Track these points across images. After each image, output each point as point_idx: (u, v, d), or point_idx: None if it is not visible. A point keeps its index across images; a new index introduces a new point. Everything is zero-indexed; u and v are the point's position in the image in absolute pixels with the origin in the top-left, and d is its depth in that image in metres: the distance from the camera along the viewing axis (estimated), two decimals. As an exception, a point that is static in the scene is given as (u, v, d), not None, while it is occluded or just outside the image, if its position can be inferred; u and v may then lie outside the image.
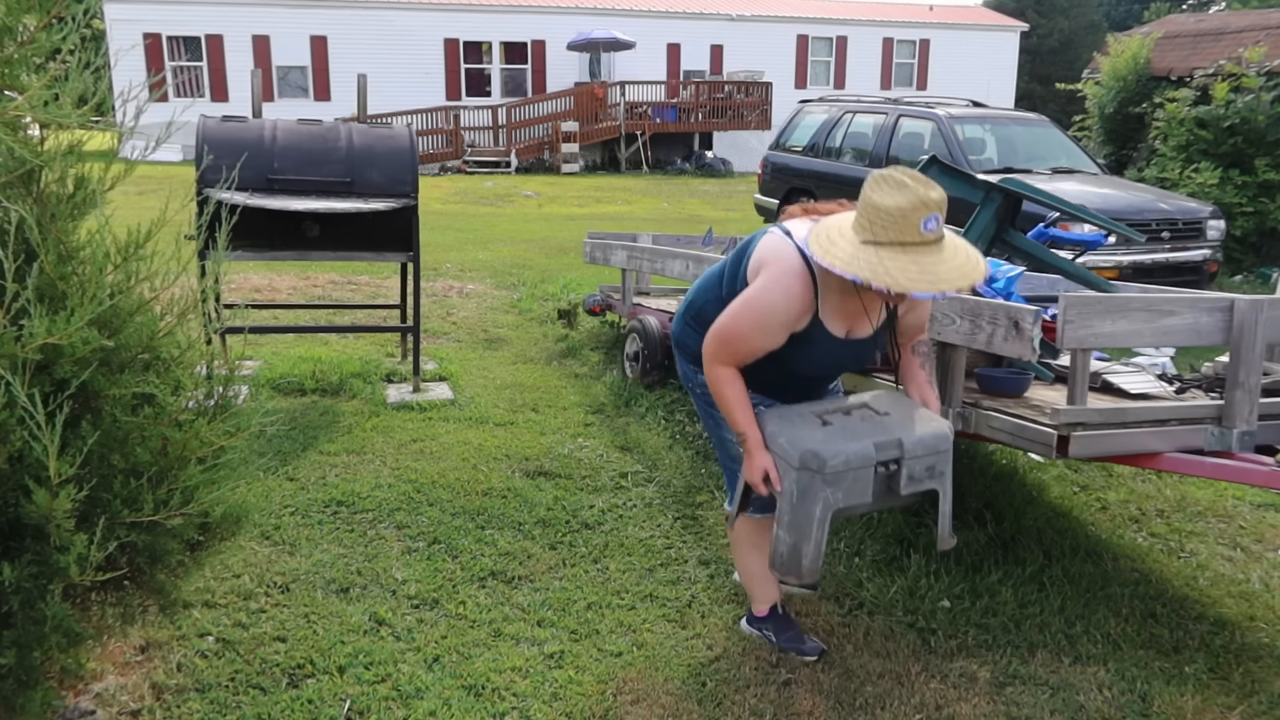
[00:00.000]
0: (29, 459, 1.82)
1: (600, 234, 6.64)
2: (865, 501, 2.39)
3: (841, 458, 2.29)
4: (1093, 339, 2.78)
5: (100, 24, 20.04)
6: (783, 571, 2.40)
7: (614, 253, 5.96)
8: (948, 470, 2.48)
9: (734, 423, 2.49)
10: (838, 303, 2.43)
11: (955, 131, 8.44)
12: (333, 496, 3.76)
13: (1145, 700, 2.62)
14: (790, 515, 2.35)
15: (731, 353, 2.46)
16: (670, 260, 5.20)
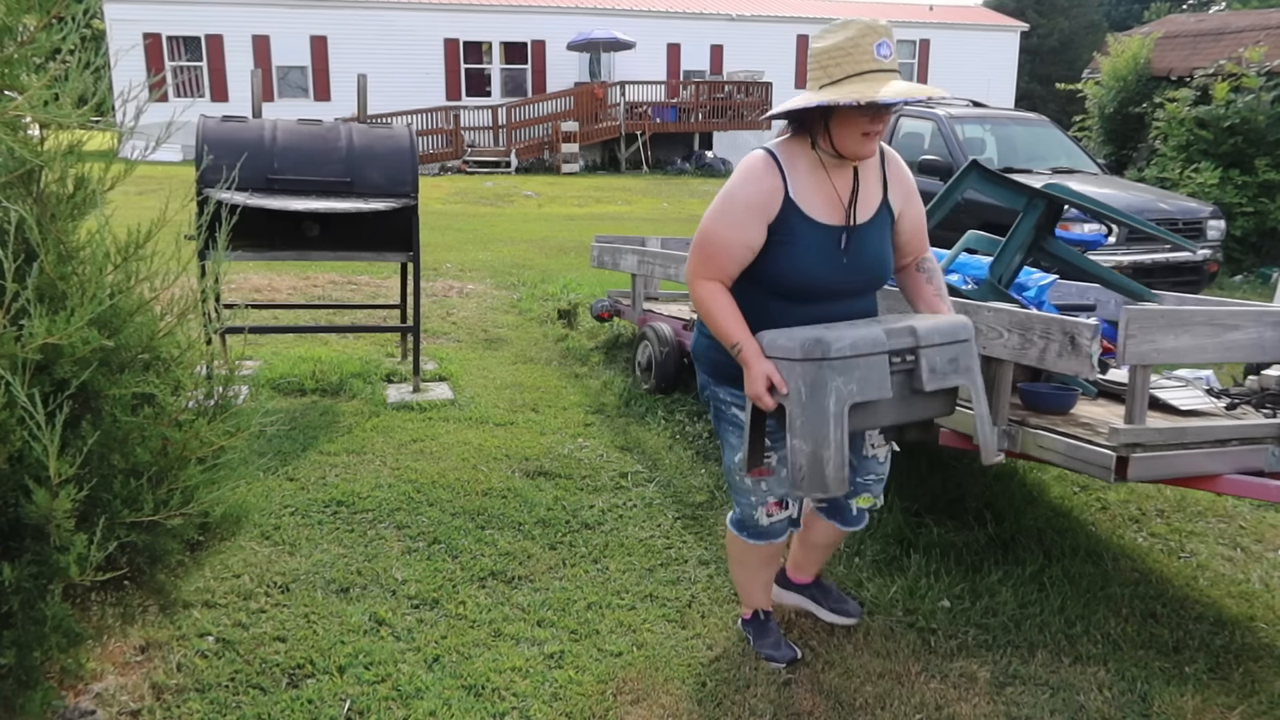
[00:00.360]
0: (29, 459, 1.82)
1: (608, 238, 6.47)
2: (886, 398, 2.13)
3: (847, 340, 2.08)
4: (1155, 354, 2.64)
5: (100, 24, 20.05)
6: (808, 489, 2.13)
7: (623, 257, 5.76)
8: (975, 365, 2.25)
9: (725, 335, 2.26)
10: (809, 183, 2.26)
11: (955, 131, 8.44)
12: (333, 496, 3.76)
13: (1145, 700, 2.62)
14: (802, 417, 2.10)
15: (707, 259, 2.29)
16: (682, 265, 5.01)
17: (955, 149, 8.24)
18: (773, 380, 2.15)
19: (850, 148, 2.20)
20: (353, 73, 18.59)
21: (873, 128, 2.15)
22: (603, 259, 6.07)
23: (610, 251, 5.98)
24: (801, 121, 2.26)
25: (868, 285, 2.38)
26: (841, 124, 2.17)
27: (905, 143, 9.02)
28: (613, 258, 5.93)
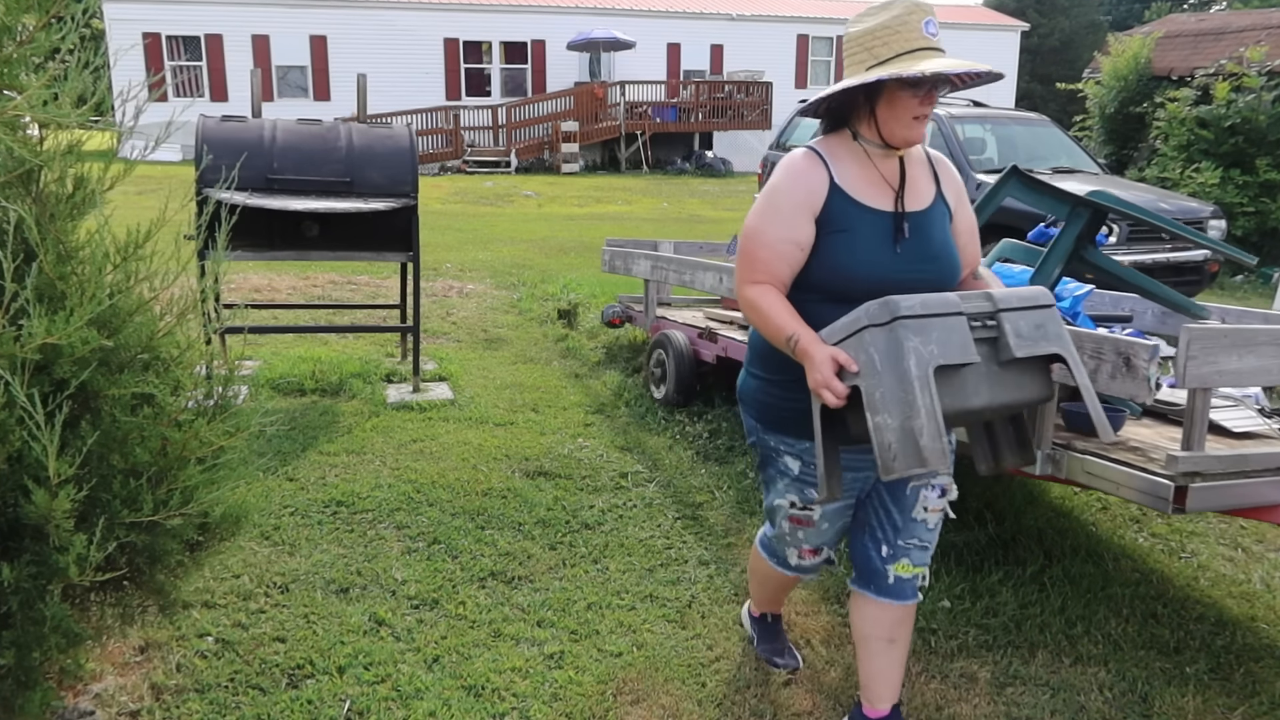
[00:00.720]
0: (28, 459, 1.81)
1: (619, 241, 6.30)
2: (973, 363, 1.85)
3: (916, 299, 1.83)
4: (1217, 377, 2.48)
5: (99, 24, 20.04)
6: (903, 467, 1.81)
7: (636, 262, 5.57)
8: (1065, 333, 1.98)
9: (779, 330, 2.00)
10: (855, 172, 2.07)
11: (956, 131, 8.44)
12: (333, 496, 3.76)
13: (1146, 701, 2.61)
14: (881, 387, 1.82)
15: (754, 261, 2.08)
16: (700, 272, 4.89)
17: (956, 149, 8.24)
18: (839, 361, 1.87)
19: (899, 132, 2.03)
20: (352, 72, 18.59)
21: (923, 109, 2.00)
22: (614, 264, 5.88)
23: (622, 256, 5.79)
24: (840, 115, 2.12)
25: (933, 282, 2.07)
26: (891, 106, 2.01)
27: (905, 142, 9.03)
28: (625, 263, 5.73)
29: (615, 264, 5.88)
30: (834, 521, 2.29)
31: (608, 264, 5.97)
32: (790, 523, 2.31)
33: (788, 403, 2.13)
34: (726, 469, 4.24)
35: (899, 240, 2.05)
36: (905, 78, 1.93)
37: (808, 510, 2.26)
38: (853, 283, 2.02)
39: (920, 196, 2.12)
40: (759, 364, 2.24)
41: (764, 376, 2.22)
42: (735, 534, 3.61)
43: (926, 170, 2.17)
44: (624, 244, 6.27)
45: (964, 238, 2.21)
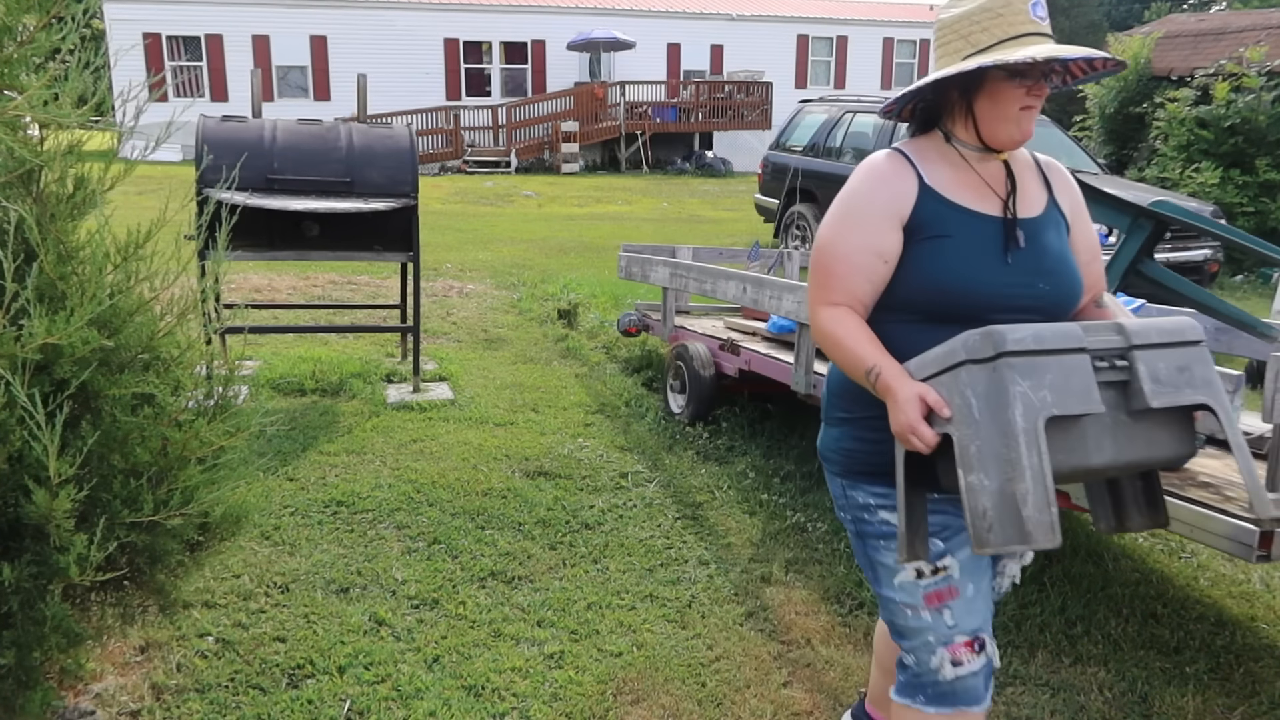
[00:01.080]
0: (29, 459, 1.82)
1: (636, 247, 6.06)
2: (1095, 414, 1.49)
3: (1028, 331, 1.49)
4: None
5: (100, 24, 20.04)
6: (1000, 541, 1.47)
7: (654, 269, 5.33)
8: (1215, 379, 1.59)
9: (857, 361, 1.67)
10: (949, 175, 1.75)
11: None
12: (333, 496, 3.76)
13: (1146, 701, 2.62)
14: (978, 440, 1.49)
15: (829, 277, 1.74)
16: (723, 281, 4.63)
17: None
18: (928, 402, 1.55)
19: (1003, 131, 1.71)
20: (353, 73, 18.59)
21: (1030, 102, 1.68)
22: (631, 270, 5.65)
23: (639, 263, 5.55)
24: (929, 115, 1.81)
25: (1050, 302, 1.74)
26: (993, 100, 1.69)
27: (905, 143, 9.03)
28: (642, 269, 5.50)
29: (632, 270, 5.63)
30: (978, 580, 1.78)
31: (624, 270, 5.73)
32: (929, 607, 1.76)
33: (880, 446, 1.72)
34: (726, 469, 4.24)
35: (1010, 249, 1.72)
36: (1011, 63, 1.63)
37: (941, 573, 1.75)
38: (952, 298, 1.69)
39: (1031, 203, 1.80)
40: (841, 402, 1.87)
41: (849, 416, 1.85)
42: (735, 534, 3.61)
43: (1036, 175, 1.86)
44: (641, 249, 5.98)
45: (1084, 256, 1.86)
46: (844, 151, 9.82)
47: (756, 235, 11.67)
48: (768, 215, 10.92)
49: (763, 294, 4.28)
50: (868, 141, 9.49)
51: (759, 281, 4.31)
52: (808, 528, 3.65)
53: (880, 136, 9.29)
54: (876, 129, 9.43)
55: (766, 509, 3.82)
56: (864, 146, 9.53)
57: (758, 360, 4.44)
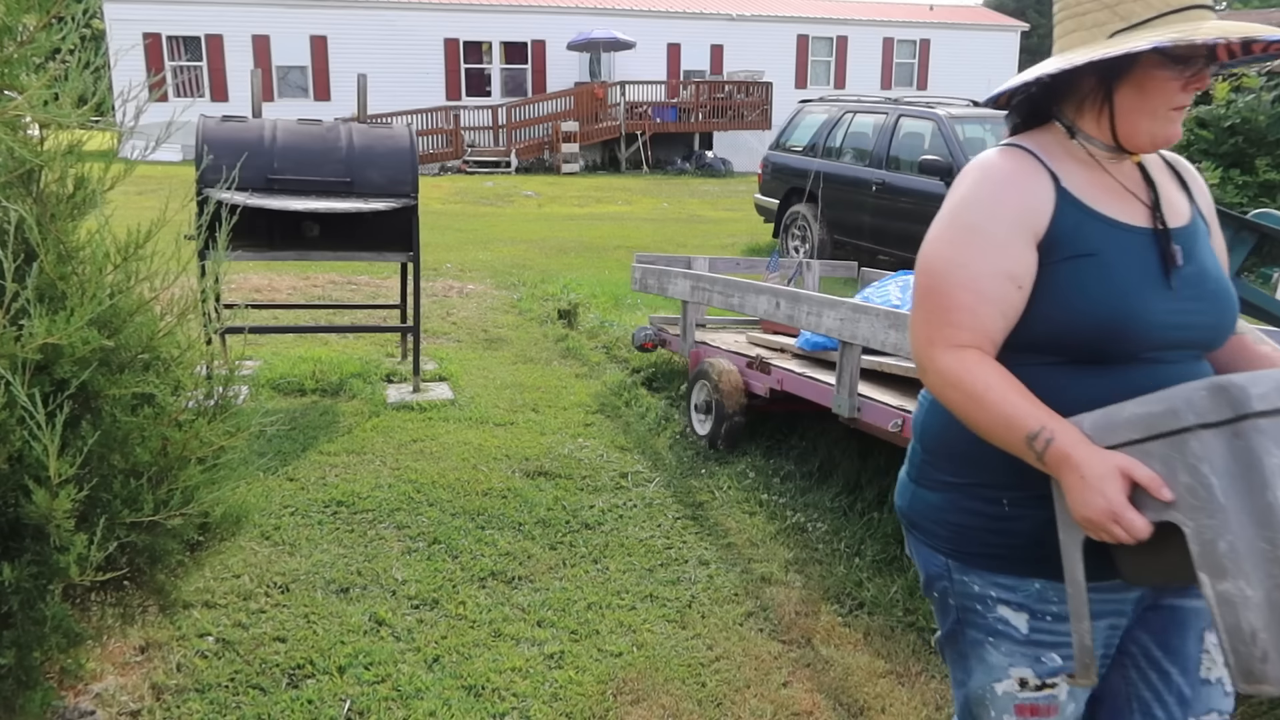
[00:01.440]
0: (29, 459, 1.82)
1: (650, 257, 5.79)
2: None
3: (1271, 384, 1.15)
4: None
5: (100, 24, 20.05)
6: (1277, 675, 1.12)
7: (673, 281, 5.03)
8: None
9: (1011, 422, 1.30)
10: (1085, 177, 1.42)
11: (955, 131, 8.44)
12: (333, 496, 3.76)
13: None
14: (1229, 538, 1.14)
15: (948, 311, 1.37)
16: (753, 296, 4.31)
17: (956, 149, 8.25)
18: (1137, 479, 1.21)
19: (1145, 129, 1.37)
20: (353, 73, 18.57)
21: (1185, 99, 1.34)
22: (646, 282, 5.33)
23: (655, 275, 5.25)
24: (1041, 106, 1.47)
25: (1210, 333, 1.43)
26: (1141, 91, 1.35)
27: (905, 143, 9.03)
28: (659, 282, 5.19)
29: (647, 282, 5.31)
30: (1080, 699, 1.49)
31: (638, 282, 5.42)
32: (1017, 717, 1.47)
33: (1007, 524, 1.41)
34: (726, 469, 4.24)
35: (1171, 269, 1.38)
36: (1188, 45, 1.26)
37: (1048, 689, 1.44)
38: (1108, 333, 1.34)
39: (1177, 211, 1.46)
40: (947, 464, 1.49)
41: (959, 482, 1.47)
42: (735, 534, 3.61)
43: (1171, 177, 1.52)
44: (655, 260, 5.69)
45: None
46: (844, 152, 9.82)
47: (773, 243, 11.67)
48: (767, 215, 10.92)
49: (799, 310, 3.95)
50: (867, 141, 9.49)
51: (795, 297, 4.01)
52: (808, 528, 3.65)
53: (880, 136, 9.29)
54: (876, 129, 9.43)
55: (766, 509, 3.83)
56: (864, 146, 9.53)
57: (792, 380, 4.14)
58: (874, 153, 9.31)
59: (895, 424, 3.43)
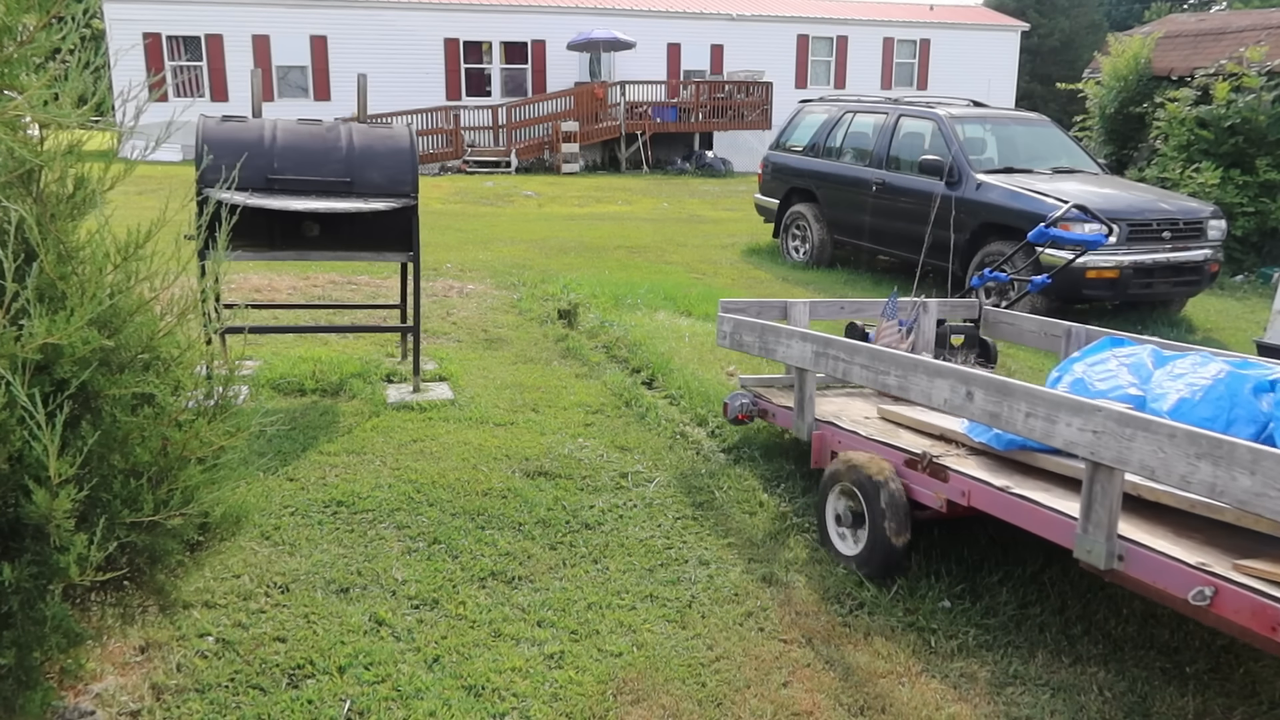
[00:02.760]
0: (29, 459, 1.82)
1: (740, 303, 4.59)
2: None
3: None
4: None
5: (100, 24, 20.04)
6: None
7: (784, 343, 3.89)
8: None
9: None
10: None
11: (956, 131, 8.44)
12: (333, 496, 3.76)
13: (1145, 701, 2.61)
14: None
15: None
16: (923, 378, 3.17)
17: (956, 149, 8.24)
18: None
19: None
20: (353, 73, 18.55)
21: None
22: (741, 339, 4.19)
23: (756, 332, 4.09)
24: None
25: None
26: None
27: (905, 143, 9.03)
28: (762, 341, 4.04)
29: (742, 339, 4.19)
30: None
31: (727, 337, 4.30)
32: None
33: None
34: (726, 469, 4.24)
35: None
36: None
37: None
38: None
39: None
40: None
41: None
42: (735, 534, 3.61)
43: None
44: (747, 307, 4.56)
45: None
46: (844, 151, 9.82)
47: (772, 243, 11.65)
48: (767, 215, 10.92)
49: (1013, 409, 2.81)
50: (868, 141, 9.48)
51: (1004, 388, 2.84)
52: (808, 528, 3.65)
53: (880, 136, 9.29)
54: (876, 129, 9.43)
55: (766, 509, 3.82)
56: (864, 146, 9.52)
57: (989, 497, 3.01)
58: (874, 153, 9.31)
59: (1200, 595, 2.38)
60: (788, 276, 9.41)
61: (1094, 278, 7.12)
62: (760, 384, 4.42)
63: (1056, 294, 7.17)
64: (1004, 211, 7.63)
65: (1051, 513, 2.81)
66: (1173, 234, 7.47)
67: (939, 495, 3.17)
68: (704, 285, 8.59)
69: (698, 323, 7.00)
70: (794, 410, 3.93)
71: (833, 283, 9.09)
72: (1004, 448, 3.20)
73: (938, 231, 8.21)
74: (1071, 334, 4.38)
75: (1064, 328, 4.43)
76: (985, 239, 7.75)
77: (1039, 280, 6.03)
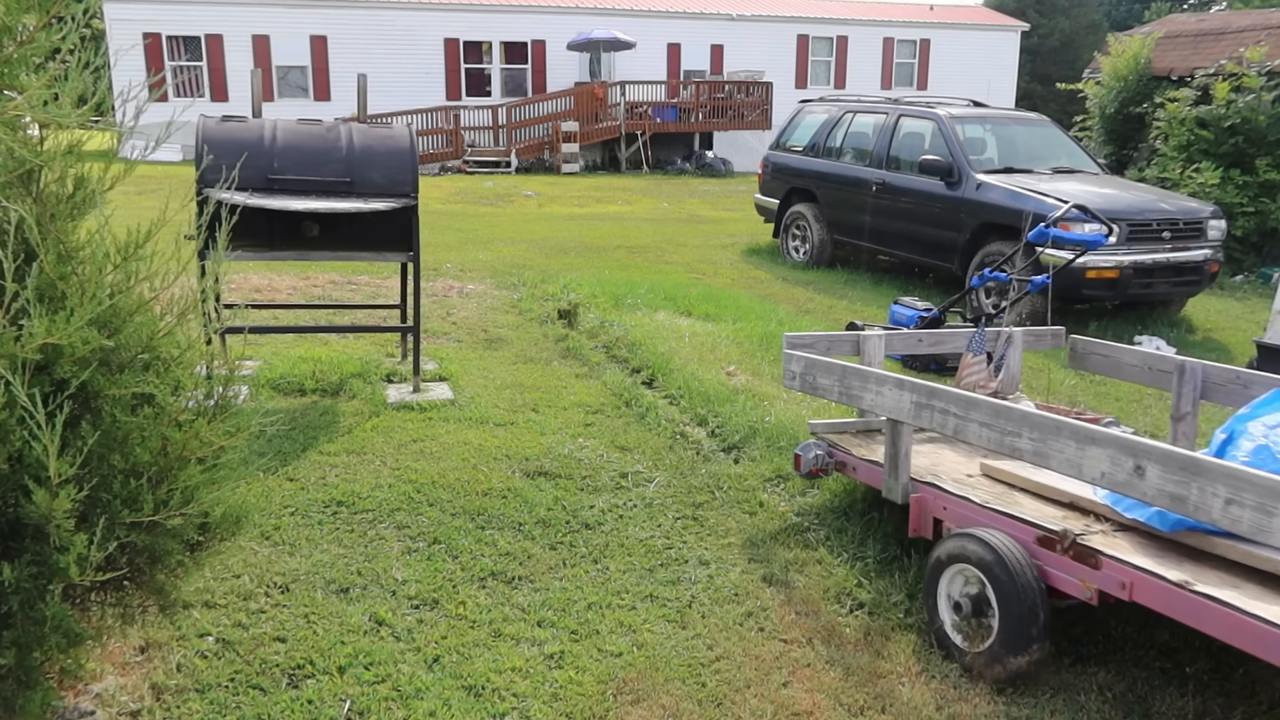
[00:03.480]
0: (29, 459, 1.82)
1: (807, 338, 3.93)
2: None
3: None
4: None
5: (100, 24, 20.03)
6: None
7: (872, 389, 3.25)
8: None
9: None
10: None
11: (956, 131, 8.44)
12: (333, 496, 3.76)
13: (1145, 701, 2.61)
14: None
15: None
16: (1072, 446, 2.57)
17: (955, 149, 8.24)
18: None
19: None
20: (353, 73, 18.55)
21: None
22: (815, 381, 3.56)
23: (834, 373, 3.46)
24: None
25: None
26: None
27: (905, 143, 9.03)
28: (842, 384, 3.40)
29: (818, 383, 3.54)
30: None
31: (798, 379, 3.63)
32: None
33: None
34: (726, 469, 4.24)
35: None
36: None
37: None
38: None
39: None
40: None
41: None
42: (735, 534, 3.61)
43: None
44: (815, 342, 3.90)
45: None
46: (844, 151, 9.82)
47: (772, 243, 11.65)
48: (767, 215, 10.92)
49: (1210, 496, 2.25)
50: (868, 141, 9.48)
51: (1193, 466, 2.28)
52: (808, 528, 3.65)
53: (880, 136, 9.29)
54: (876, 129, 9.42)
55: (766, 509, 3.82)
56: (864, 146, 9.52)
57: (1163, 595, 2.51)
58: (874, 153, 9.31)
59: None
60: (788, 276, 9.41)
61: (1094, 278, 7.11)
62: (832, 429, 3.78)
63: (1056, 294, 7.17)
64: (1004, 211, 7.63)
65: (1263, 625, 2.26)
66: (1173, 234, 7.47)
67: (1086, 584, 2.62)
68: (704, 285, 8.59)
69: (698, 323, 7.00)
70: (884, 467, 3.30)
71: (833, 283, 9.08)
72: (1169, 529, 2.68)
73: (938, 231, 8.21)
74: (1186, 371, 3.62)
75: (1176, 363, 3.69)
76: (985, 239, 7.74)
77: (1039, 280, 6.03)
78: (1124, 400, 5.63)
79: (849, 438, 3.73)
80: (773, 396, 5.17)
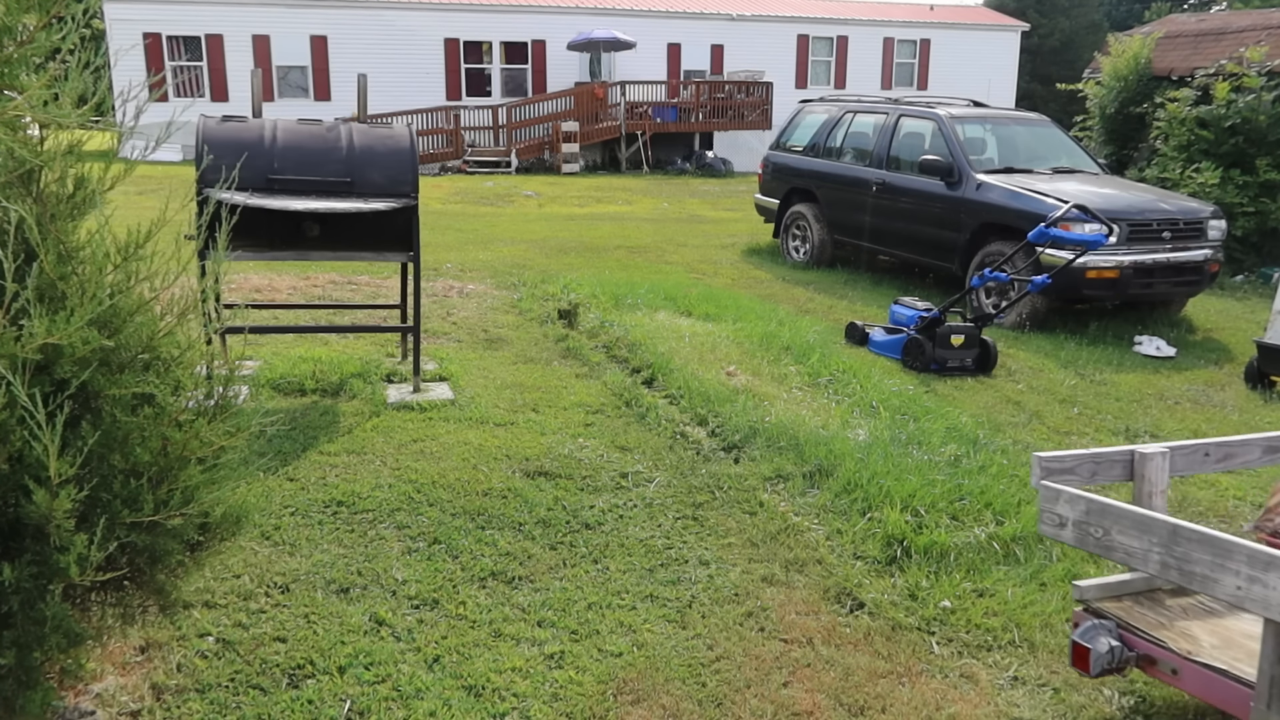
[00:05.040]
0: (29, 459, 1.82)
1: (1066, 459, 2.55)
2: None
3: None
4: None
5: (100, 24, 20.04)
6: None
7: (1246, 577, 1.97)
8: None
9: None
10: None
11: (956, 131, 8.44)
12: (333, 496, 3.76)
13: (1146, 701, 2.61)
14: None
15: None
16: None
17: (956, 149, 8.24)
18: None
19: None
20: (353, 72, 18.55)
21: None
22: (1110, 539, 2.26)
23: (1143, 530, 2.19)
24: None
25: None
26: None
27: (905, 143, 9.03)
28: (1168, 555, 2.13)
29: (1114, 541, 2.27)
30: None
31: (1071, 528, 2.36)
32: None
33: None
34: (726, 469, 4.24)
35: None
36: None
37: None
38: None
39: None
40: None
41: None
42: (735, 534, 3.61)
43: None
44: (1078, 465, 2.57)
45: None
46: (844, 151, 9.82)
47: (775, 243, 11.64)
48: (767, 215, 10.93)
49: None
50: (868, 141, 9.48)
51: None
52: (808, 528, 3.65)
53: (880, 136, 9.29)
54: (877, 129, 9.42)
55: (766, 509, 3.82)
56: (864, 146, 9.52)
57: None
58: (874, 153, 9.31)
59: None
60: (788, 276, 9.41)
61: (1094, 278, 7.11)
62: (1109, 594, 2.52)
63: (1056, 294, 7.17)
64: (1004, 211, 7.63)
65: None
66: (1173, 234, 7.46)
67: None
68: (704, 285, 8.59)
69: (698, 323, 7.00)
70: (1254, 692, 2.11)
71: (833, 283, 9.09)
72: None
73: (938, 231, 8.21)
74: None
75: None
76: (985, 239, 7.74)
77: (1039, 280, 6.03)
78: (1124, 400, 5.63)
79: (1135, 608, 2.50)
80: (773, 396, 5.17)
